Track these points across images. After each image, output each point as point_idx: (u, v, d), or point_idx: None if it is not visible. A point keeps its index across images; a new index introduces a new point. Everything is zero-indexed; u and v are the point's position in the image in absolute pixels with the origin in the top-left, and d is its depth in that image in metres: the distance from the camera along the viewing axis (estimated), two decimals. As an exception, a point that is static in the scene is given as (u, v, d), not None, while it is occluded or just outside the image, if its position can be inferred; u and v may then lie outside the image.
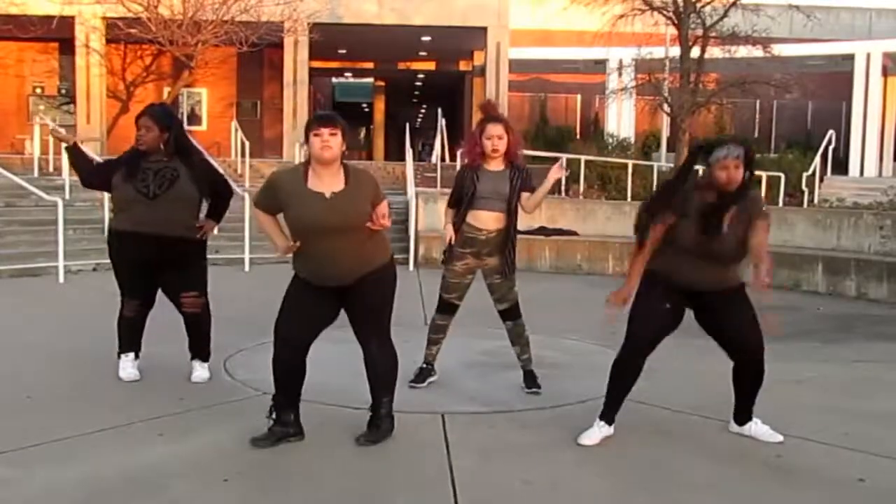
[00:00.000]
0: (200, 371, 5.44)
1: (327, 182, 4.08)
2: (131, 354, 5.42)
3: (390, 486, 3.79)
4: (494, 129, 5.07)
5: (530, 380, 5.34)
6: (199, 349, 5.48)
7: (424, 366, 5.42)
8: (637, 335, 4.40)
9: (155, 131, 5.06)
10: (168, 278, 5.25)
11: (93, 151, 14.87)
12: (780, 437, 4.40)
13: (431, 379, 5.41)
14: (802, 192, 18.30)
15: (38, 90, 23.43)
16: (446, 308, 5.38)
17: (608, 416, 4.44)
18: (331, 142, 4.03)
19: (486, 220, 5.13)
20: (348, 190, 4.10)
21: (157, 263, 5.16)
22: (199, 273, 5.35)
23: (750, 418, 4.51)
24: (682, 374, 5.87)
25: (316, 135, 4.04)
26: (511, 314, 5.32)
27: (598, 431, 4.39)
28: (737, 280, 4.43)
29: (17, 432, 4.31)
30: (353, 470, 3.95)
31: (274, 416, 4.25)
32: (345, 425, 4.44)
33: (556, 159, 19.29)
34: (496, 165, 5.14)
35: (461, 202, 5.19)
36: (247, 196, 11.61)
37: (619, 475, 3.99)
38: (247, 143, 18.50)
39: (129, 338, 5.41)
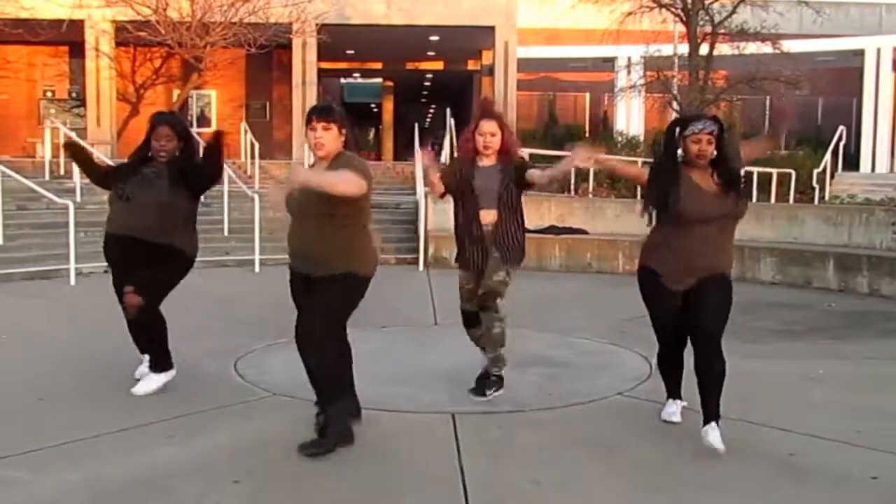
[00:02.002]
0: (142, 384, 5.10)
1: (320, 168, 4.07)
2: (145, 356, 5.33)
3: (400, 486, 3.78)
4: (487, 126, 4.93)
5: (480, 385, 5.04)
6: (150, 355, 5.20)
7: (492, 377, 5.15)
8: (660, 333, 4.57)
9: (174, 141, 5.06)
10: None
11: (103, 154, 14.96)
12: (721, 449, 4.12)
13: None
14: (813, 189, 18.23)
15: (49, 94, 23.53)
16: (467, 320, 5.14)
17: (674, 393, 4.75)
18: (324, 137, 3.98)
19: (482, 216, 4.99)
20: (328, 166, 4.06)
21: (131, 266, 4.99)
22: (151, 275, 4.97)
23: (707, 421, 4.19)
24: (693, 372, 5.84)
25: (311, 129, 4.01)
26: (484, 299, 4.92)
27: (675, 405, 4.71)
28: (720, 268, 4.40)
29: (29, 434, 4.33)
30: (364, 470, 3.95)
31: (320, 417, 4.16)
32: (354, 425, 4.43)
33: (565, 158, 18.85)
34: (489, 161, 5.01)
35: (451, 184, 5.05)
36: (256, 197, 11.64)
37: (629, 474, 3.97)
38: (256, 145, 18.53)
39: (135, 340, 5.30)
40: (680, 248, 4.32)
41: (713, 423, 4.17)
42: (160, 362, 5.16)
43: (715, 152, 4.29)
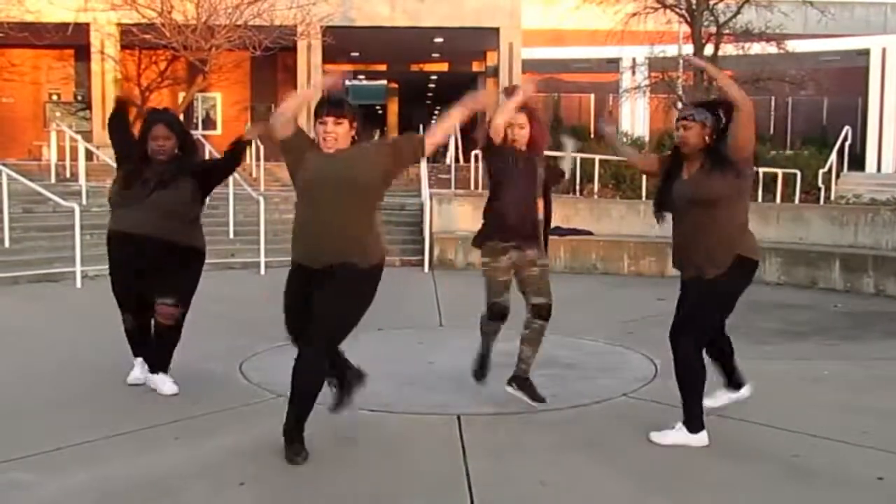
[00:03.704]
0: (170, 384, 5.13)
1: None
2: (139, 359, 5.29)
3: (405, 488, 3.79)
4: (518, 118, 4.65)
5: (532, 390, 4.90)
6: (163, 361, 5.19)
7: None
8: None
9: (172, 139, 4.98)
10: (150, 283, 5.04)
11: (109, 157, 14.99)
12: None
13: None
14: (819, 189, 18.19)
15: (55, 97, 23.62)
16: (500, 314, 4.86)
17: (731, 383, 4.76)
18: (335, 132, 3.84)
19: (535, 205, 4.80)
20: (352, 151, 3.91)
21: (144, 268, 5.00)
22: (179, 280, 5.03)
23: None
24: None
25: (321, 123, 3.84)
26: (545, 312, 4.82)
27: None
28: (705, 266, 4.21)
29: (35, 436, 4.35)
30: (369, 472, 3.95)
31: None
32: (358, 427, 4.44)
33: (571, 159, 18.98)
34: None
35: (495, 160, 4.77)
36: (262, 200, 11.66)
37: (635, 475, 3.97)
38: (262, 147, 18.55)
39: (134, 346, 5.31)
40: (673, 239, 4.36)
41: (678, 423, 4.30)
42: (169, 362, 5.19)
43: (702, 143, 4.17)
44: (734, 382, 4.74)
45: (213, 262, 9.54)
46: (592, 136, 24.26)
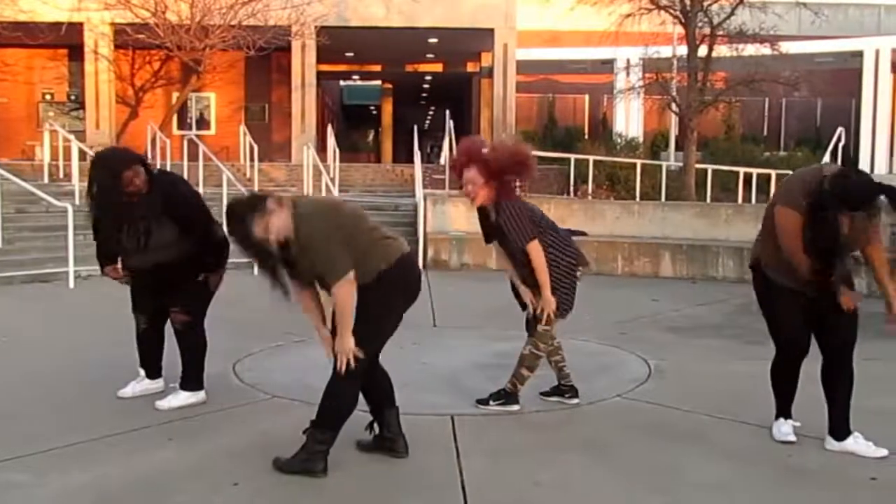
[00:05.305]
0: (169, 398, 4.94)
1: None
2: (141, 371, 5.23)
3: (400, 488, 3.79)
4: (466, 175, 4.67)
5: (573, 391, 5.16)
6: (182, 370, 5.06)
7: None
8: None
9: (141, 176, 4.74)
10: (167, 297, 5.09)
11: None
12: (884, 452, 4.22)
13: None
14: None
15: (48, 97, 23.57)
16: None
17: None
18: None
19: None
20: None
21: (157, 286, 5.03)
22: (185, 292, 5.10)
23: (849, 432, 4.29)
24: (693, 374, 5.85)
25: None
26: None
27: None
28: None
29: (30, 437, 4.34)
30: (362, 473, 3.95)
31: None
32: (354, 428, 4.43)
33: (565, 160, 19.16)
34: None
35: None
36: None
37: (630, 476, 3.98)
38: (255, 147, 18.53)
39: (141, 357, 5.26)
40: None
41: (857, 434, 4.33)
42: (188, 377, 5.05)
43: None
44: None
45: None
46: (587, 136, 24.36)
